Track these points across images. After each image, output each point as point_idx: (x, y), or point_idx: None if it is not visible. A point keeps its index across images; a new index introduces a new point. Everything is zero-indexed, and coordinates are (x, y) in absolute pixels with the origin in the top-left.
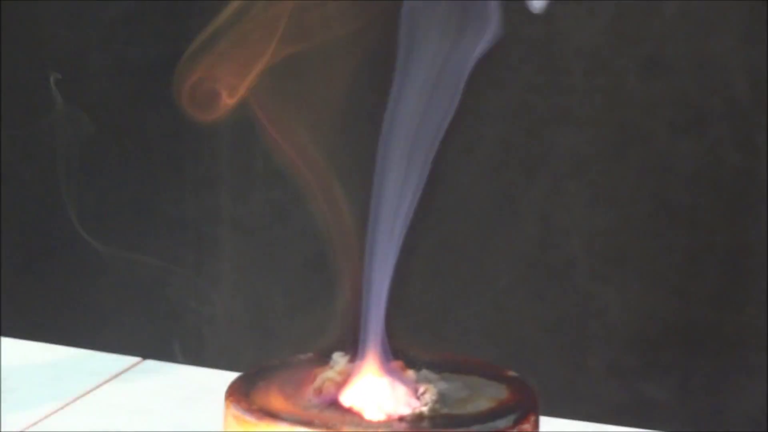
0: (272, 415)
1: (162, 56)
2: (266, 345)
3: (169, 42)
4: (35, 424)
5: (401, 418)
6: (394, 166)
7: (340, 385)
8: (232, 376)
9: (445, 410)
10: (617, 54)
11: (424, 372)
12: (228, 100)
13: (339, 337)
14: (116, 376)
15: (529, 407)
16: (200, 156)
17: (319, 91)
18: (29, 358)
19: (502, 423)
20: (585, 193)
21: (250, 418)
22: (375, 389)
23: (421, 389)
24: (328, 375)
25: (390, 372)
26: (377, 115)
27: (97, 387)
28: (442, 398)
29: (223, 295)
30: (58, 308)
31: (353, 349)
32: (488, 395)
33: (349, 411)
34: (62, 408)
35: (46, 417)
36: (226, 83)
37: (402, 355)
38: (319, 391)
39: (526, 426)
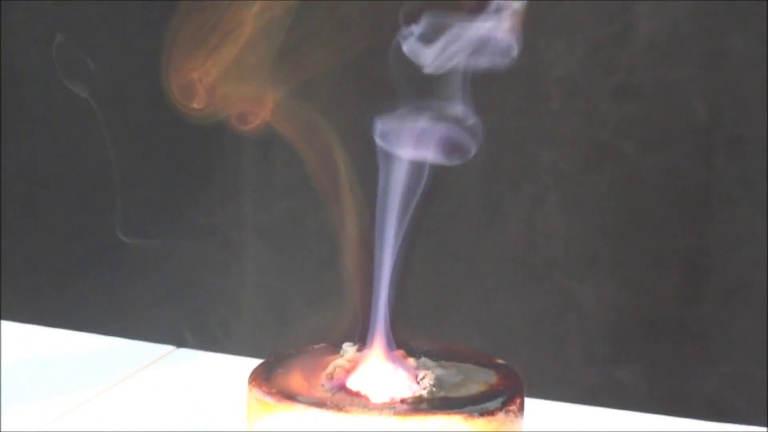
0: (289, 398)
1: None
2: (284, 336)
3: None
4: (75, 409)
5: (403, 401)
6: (395, 179)
7: (349, 371)
8: (254, 362)
9: (441, 393)
10: (592, 82)
11: (423, 360)
12: (206, 93)
13: (348, 329)
14: (152, 363)
15: (515, 391)
16: (227, 170)
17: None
18: (71, 347)
19: (491, 405)
20: (564, 203)
21: (269, 400)
22: (380, 375)
23: (421, 375)
24: (338, 362)
25: (393, 360)
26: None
27: (135, 373)
28: (439, 383)
29: (247, 292)
30: (104, 302)
31: (361, 339)
32: (479, 380)
33: (357, 394)
34: (103, 393)
35: (85, 402)
36: (206, 76)
37: (403, 345)
38: (330, 377)
39: (513, 407)
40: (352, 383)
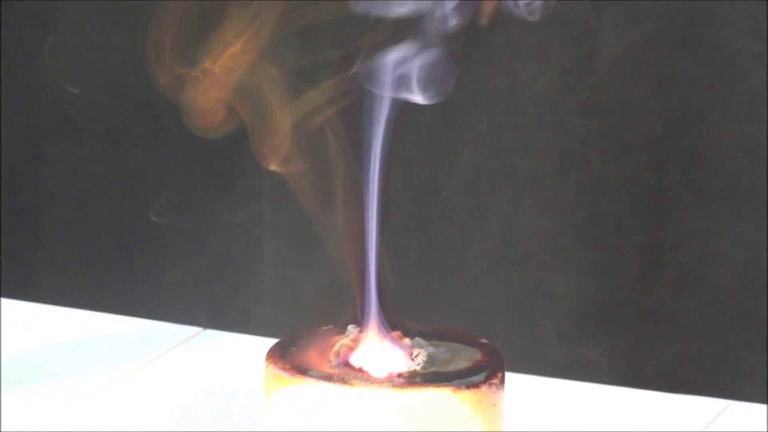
0: (301, 372)
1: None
2: (297, 319)
3: None
4: (111, 384)
5: (399, 375)
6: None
7: (353, 349)
8: (271, 342)
9: (433, 369)
10: (562, 99)
11: (417, 339)
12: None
13: (352, 314)
14: (181, 342)
15: (497, 366)
16: (248, 175)
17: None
18: (107, 328)
19: (476, 378)
20: (537, 204)
21: (284, 375)
22: (379, 353)
23: (415, 353)
24: (343, 342)
25: (390, 339)
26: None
27: (167, 351)
28: (431, 360)
29: (266, 282)
30: (138, 288)
31: (363, 322)
32: (466, 357)
33: (359, 370)
34: (138, 369)
35: (123, 377)
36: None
37: (400, 326)
38: (337, 354)
39: (495, 380)
40: (355, 360)
